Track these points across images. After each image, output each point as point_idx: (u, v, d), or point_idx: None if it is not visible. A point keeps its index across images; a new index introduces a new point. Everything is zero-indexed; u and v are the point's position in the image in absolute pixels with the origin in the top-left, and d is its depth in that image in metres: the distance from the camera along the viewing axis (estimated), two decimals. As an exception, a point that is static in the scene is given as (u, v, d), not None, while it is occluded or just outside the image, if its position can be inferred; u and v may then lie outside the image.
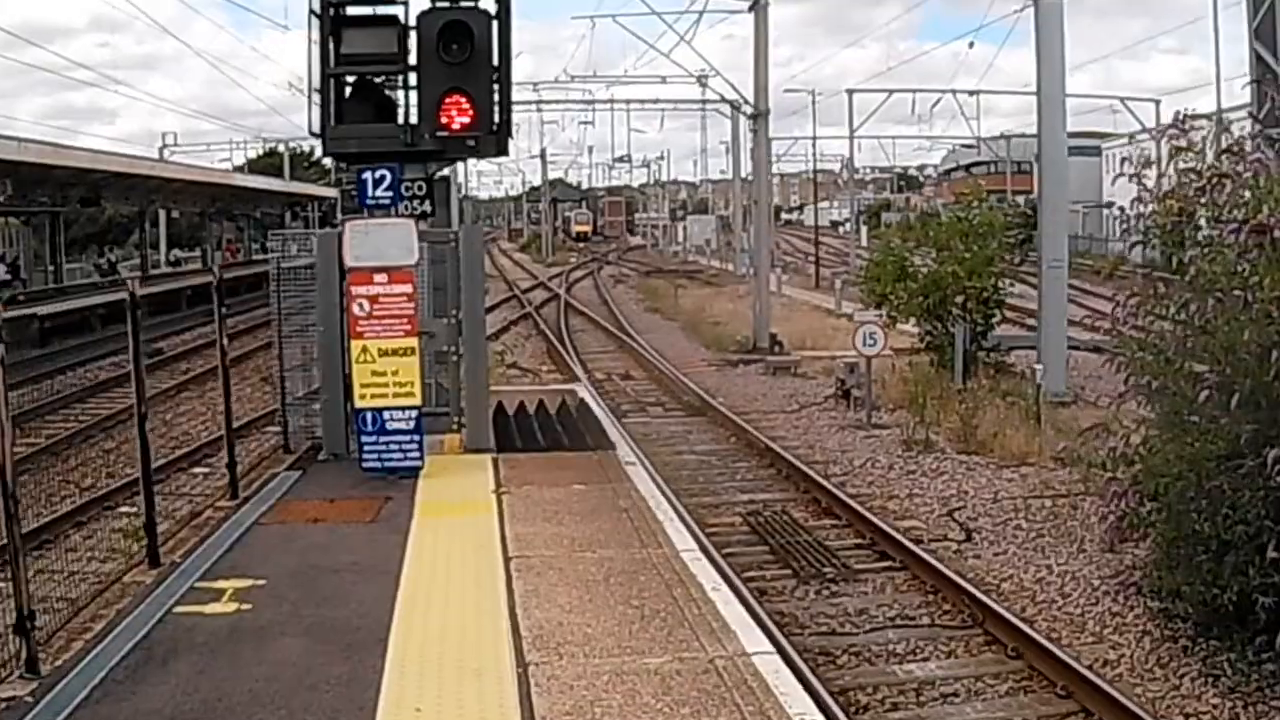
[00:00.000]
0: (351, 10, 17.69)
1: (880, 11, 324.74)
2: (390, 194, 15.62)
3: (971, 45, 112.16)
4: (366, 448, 15.08)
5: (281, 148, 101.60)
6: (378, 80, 18.34)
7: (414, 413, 15.08)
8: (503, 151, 18.20)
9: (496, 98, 17.58)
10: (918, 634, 14.32)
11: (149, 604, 10.45)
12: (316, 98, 17.53)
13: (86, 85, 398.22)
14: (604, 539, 12.16)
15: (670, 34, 73.46)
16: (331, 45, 17.43)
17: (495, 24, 17.35)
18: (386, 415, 14.97)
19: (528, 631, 9.60)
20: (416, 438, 15.12)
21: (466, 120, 17.25)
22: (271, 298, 17.37)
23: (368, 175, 15.45)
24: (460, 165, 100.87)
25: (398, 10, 17.58)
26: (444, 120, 17.25)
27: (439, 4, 17.45)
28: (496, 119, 17.57)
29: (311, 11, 17.18)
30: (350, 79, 18.03)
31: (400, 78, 17.91)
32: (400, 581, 10.84)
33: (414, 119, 17.69)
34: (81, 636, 10.00)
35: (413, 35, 17.45)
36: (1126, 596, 14.89)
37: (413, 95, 17.70)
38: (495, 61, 17.46)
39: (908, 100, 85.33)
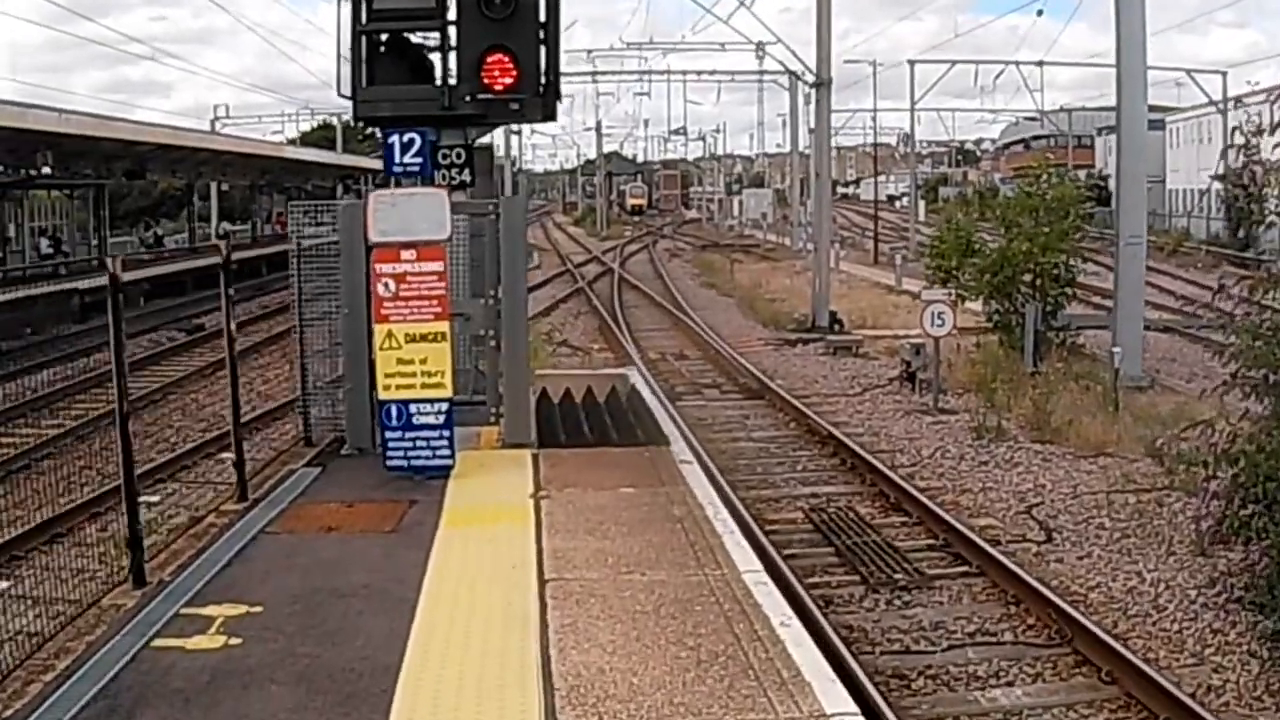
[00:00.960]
0: (385, -40, 16.17)
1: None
2: (420, 160, 14.10)
3: (1040, 14, 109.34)
4: (391, 445, 13.49)
5: (334, 120, 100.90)
6: (413, 38, 16.83)
7: (444, 406, 13.46)
8: (549, 116, 16.68)
9: (543, 57, 16.09)
10: (1000, 653, 13.14)
11: (124, 636, 8.93)
12: (346, 57, 16.08)
13: (142, 59, 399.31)
14: (654, 557, 10.55)
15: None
16: (364, -1, 15.91)
17: (542, -24, 15.81)
18: (413, 409, 13.37)
19: (562, 681, 8.03)
20: (446, 434, 13.50)
21: (510, 81, 15.75)
22: (291, 276, 15.75)
23: (394, 139, 13.95)
24: (514, 137, 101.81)
25: (436, -40, 16.05)
26: (485, 81, 15.74)
27: (480, -47, 15.88)
28: (543, 80, 16.08)
29: (341, -39, 15.73)
30: (383, 36, 16.54)
31: (438, 35, 16.32)
32: (416, 612, 9.23)
33: (452, 80, 16.16)
34: (41, 677, 8.48)
35: (451, -13, 15.91)
36: (1227, 611, 13.81)
37: (451, 54, 16.13)
38: (542, 17, 15.99)
39: (966, 73, 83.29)
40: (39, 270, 50.44)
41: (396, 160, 14.00)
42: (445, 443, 13.50)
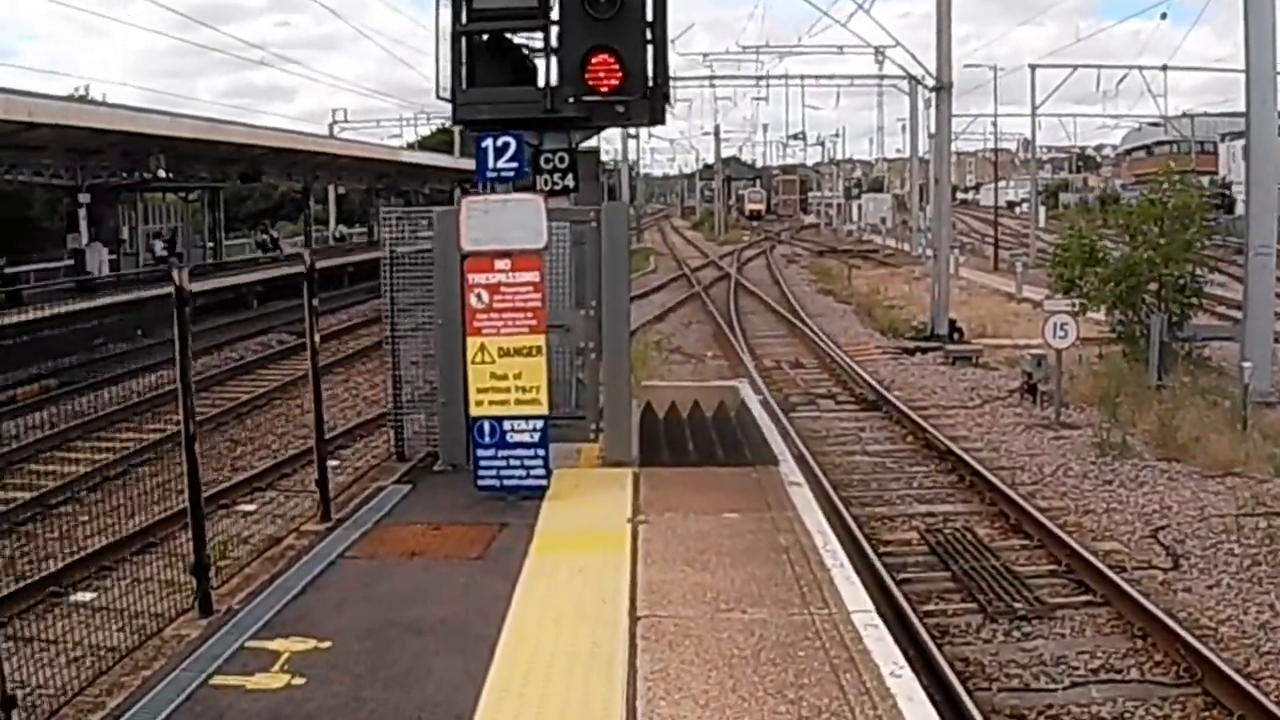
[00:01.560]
0: (485, -42, 15.57)
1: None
2: (515, 165, 13.35)
3: (1164, 16, 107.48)
4: (483, 463, 12.78)
5: (452, 125, 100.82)
6: (515, 39, 16.34)
7: (539, 423, 12.75)
8: (657, 119, 16.06)
9: (650, 57, 15.52)
10: (1126, 692, 12.39)
11: (183, 670, 8.30)
12: (446, 57, 15.50)
13: (266, 65, 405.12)
14: (757, 593, 9.74)
15: (845, 3, 70.94)
16: (464, -2, 15.32)
17: (649, -27, 15.16)
18: (507, 426, 12.68)
19: (648, 736, 7.31)
20: (542, 453, 12.79)
21: (615, 83, 15.24)
22: (383, 286, 15.10)
23: (488, 143, 13.16)
24: (631, 141, 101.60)
25: (539, -41, 15.44)
26: (589, 83, 15.22)
27: (585, -50, 15.25)
28: (650, 82, 15.45)
29: (440, -42, 15.17)
30: (484, 36, 16.02)
31: (540, 35, 15.82)
32: (496, 651, 8.47)
33: (555, 82, 15.63)
34: (89, 717, 7.88)
35: (554, -14, 15.26)
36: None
37: (554, 55, 15.61)
38: (649, 16, 15.43)
39: (1086, 79, 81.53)
40: (152, 272, 50.60)
41: (490, 165, 13.24)
42: (540, 462, 12.80)
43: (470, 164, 15.18)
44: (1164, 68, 71.35)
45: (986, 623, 14.30)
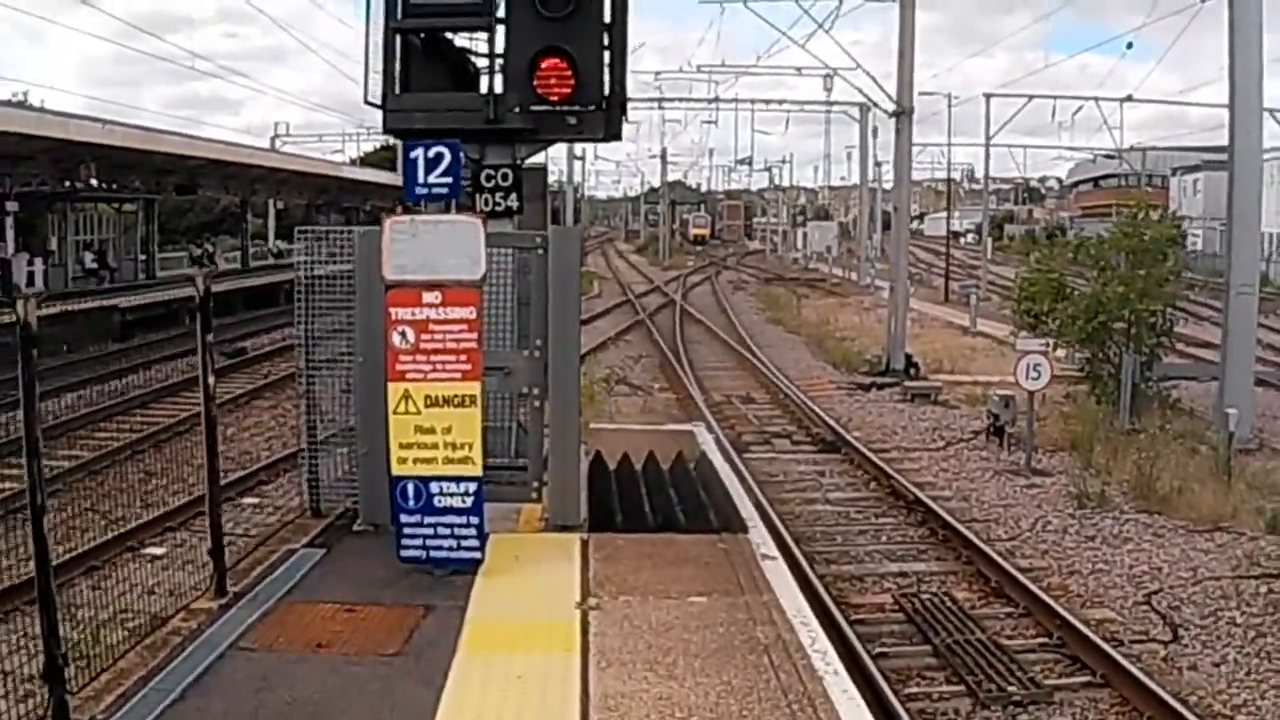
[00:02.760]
0: (423, -55, 13.83)
1: (1009, 21, 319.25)
2: (450, 180, 11.43)
3: (1130, 47, 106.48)
4: (406, 531, 10.86)
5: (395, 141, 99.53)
6: (456, 38, 14.68)
7: (472, 486, 10.84)
8: (613, 134, 14.38)
9: (607, 64, 13.86)
10: None
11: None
12: (377, 57, 13.72)
13: (212, 76, 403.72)
14: (736, 711, 7.91)
15: (802, 25, 69.73)
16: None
17: (606, -32, 13.52)
18: (434, 488, 10.76)
19: None
20: (475, 520, 10.87)
21: (567, 91, 13.63)
22: (296, 315, 13.10)
23: (418, 153, 11.25)
24: (578, 162, 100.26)
25: (482, -52, 13.74)
26: (538, 90, 13.58)
27: (535, -60, 13.54)
28: (607, 91, 13.73)
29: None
30: (421, 35, 14.30)
31: (485, 35, 14.20)
32: (411, 803, 6.67)
33: (499, 89, 14.01)
34: None
35: (500, -20, 13.57)
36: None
37: (499, 58, 14.01)
38: (606, 17, 13.81)
39: (1035, 110, 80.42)
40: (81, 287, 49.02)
41: (420, 179, 11.32)
42: (473, 531, 10.87)
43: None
44: (1128, 98, 70.27)
45: (978, 709, 12.70)
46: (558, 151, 77.98)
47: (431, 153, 11.28)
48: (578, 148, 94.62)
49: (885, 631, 14.89)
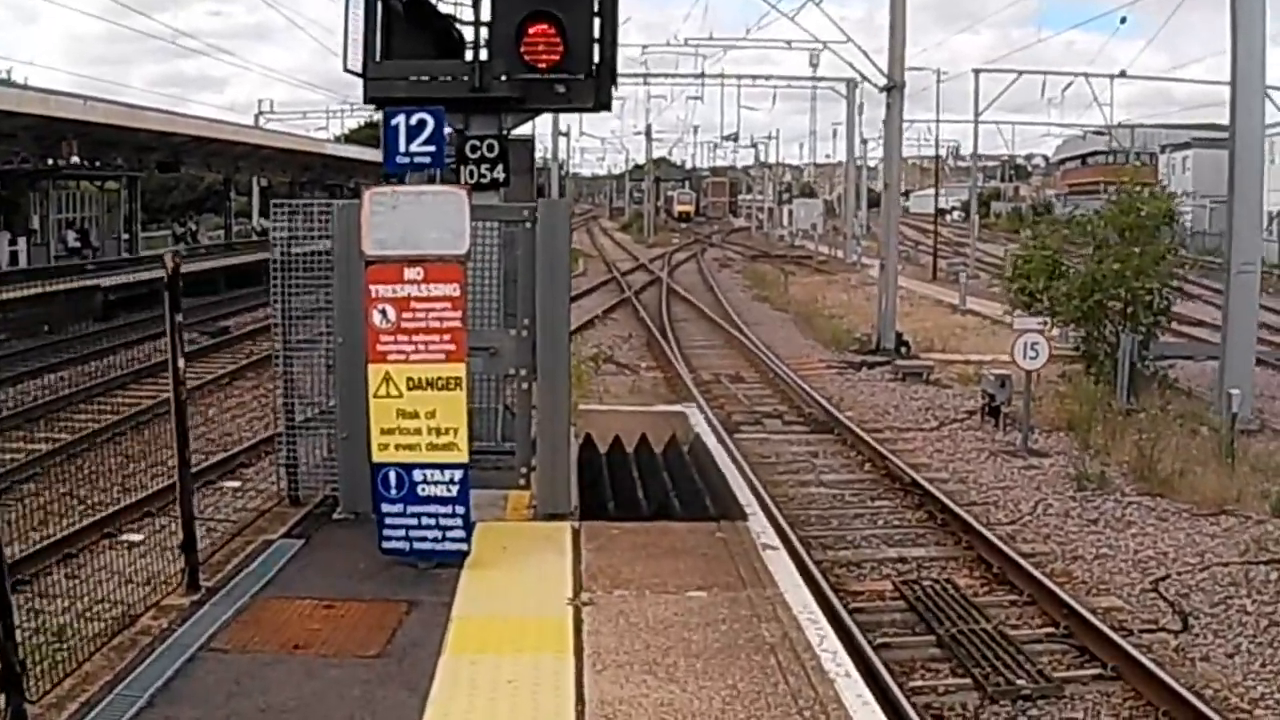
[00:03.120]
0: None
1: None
2: (433, 149, 10.76)
3: (1123, 21, 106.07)
4: (388, 521, 10.26)
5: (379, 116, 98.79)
6: (439, 3, 14.21)
7: (458, 473, 10.22)
8: (603, 104, 13.87)
9: (597, 30, 13.36)
10: None
11: None
12: (357, 23, 13.12)
13: (198, 54, 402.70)
14: (743, 718, 7.40)
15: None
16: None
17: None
18: (418, 476, 10.15)
19: None
20: (460, 509, 10.26)
21: (555, 58, 13.09)
22: (273, 293, 12.45)
23: (399, 120, 10.52)
24: (563, 139, 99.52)
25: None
26: (525, 57, 13.04)
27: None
28: (596, 58, 13.14)
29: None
30: (402, 0, 13.71)
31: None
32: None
33: (485, 56, 13.47)
34: None
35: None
36: None
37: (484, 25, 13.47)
38: (597, -20, 13.18)
39: (1022, 87, 79.72)
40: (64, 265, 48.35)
41: (402, 148, 10.63)
42: (459, 521, 10.26)
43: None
44: (1121, 74, 69.75)
45: (986, 704, 12.17)
46: (543, 129, 77.36)
47: (413, 120, 10.56)
48: (562, 124, 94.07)
49: (887, 621, 14.42)
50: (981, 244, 75.61)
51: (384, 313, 10.07)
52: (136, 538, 16.77)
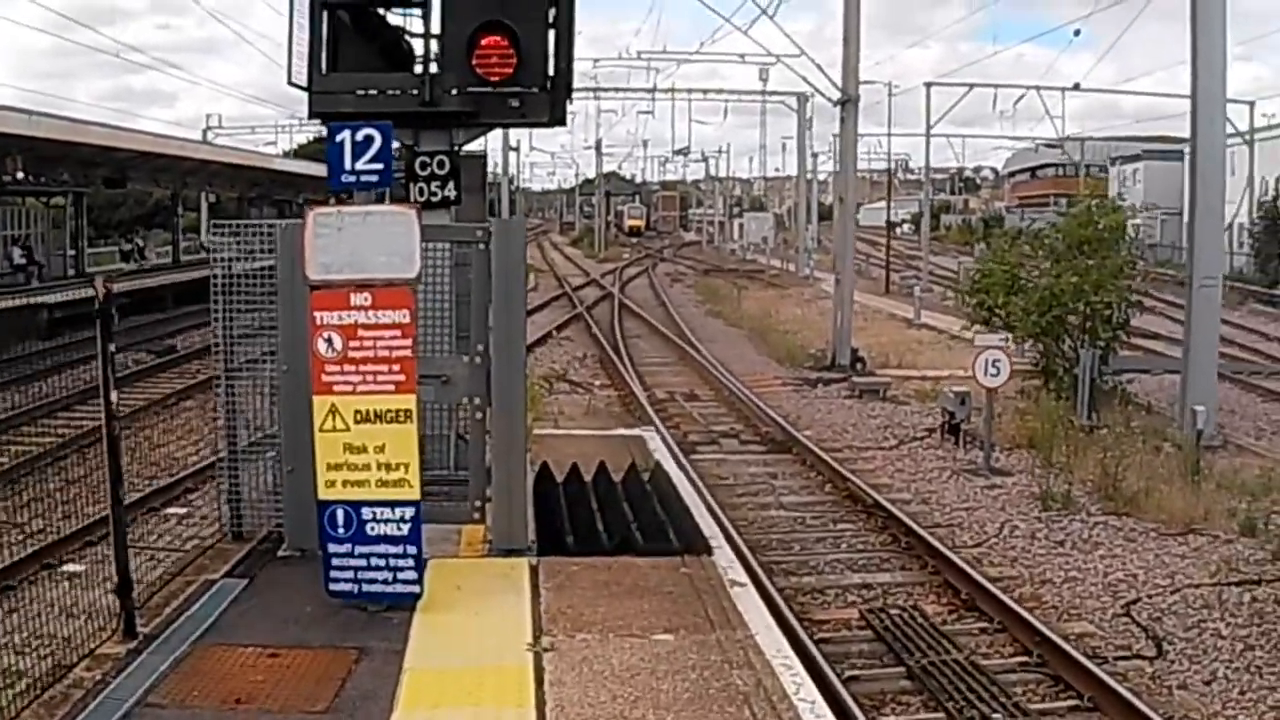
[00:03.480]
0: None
1: (943, 12, 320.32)
2: (380, 167, 10.13)
3: (1077, 34, 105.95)
4: (335, 562, 9.65)
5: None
6: (388, 14, 13.68)
7: (410, 510, 9.60)
8: (558, 118, 13.42)
9: (552, 41, 12.86)
10: None
11: None
12: (302, 35, 12.57)
13: (147, 68, 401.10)
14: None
15: (743, 13, 68.80)
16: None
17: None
18: (366, 514, 9.54)
19: None
20: (413, 549, 9.65)
21: (508, 71, 12.58)
22: (214, 316, 11.82)
23: (344, 135, 9.85)
24: (512, 153, 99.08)
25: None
26: (477, 70, 12.54)
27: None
28: (551, 71, 12.63)
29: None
30: (349, 10, 13.25)
31: (419, 11, 13.26)
32: None
33: (435, 68, 13.00)
34: None
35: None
36: None
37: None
38: (551, -10, 12.71)
39: (972, 100, 79.69)
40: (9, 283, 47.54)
41: (346, 166, 9.98)
42: (410, 562, 9.65)
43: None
44: (1075, 86, 69.78)
45: (965, 742, 11.62)
46: (493, 144, 76.86)
47: (359, 135, 9.87)
48: (512, 138, 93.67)
49: (855, 651, 13.88)
50: (933, 256, 75.49)
51: (329, 341, 9.47)
52: (77, 568, 16.16)
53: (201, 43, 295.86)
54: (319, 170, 72.69)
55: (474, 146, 13.83)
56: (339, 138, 9.79)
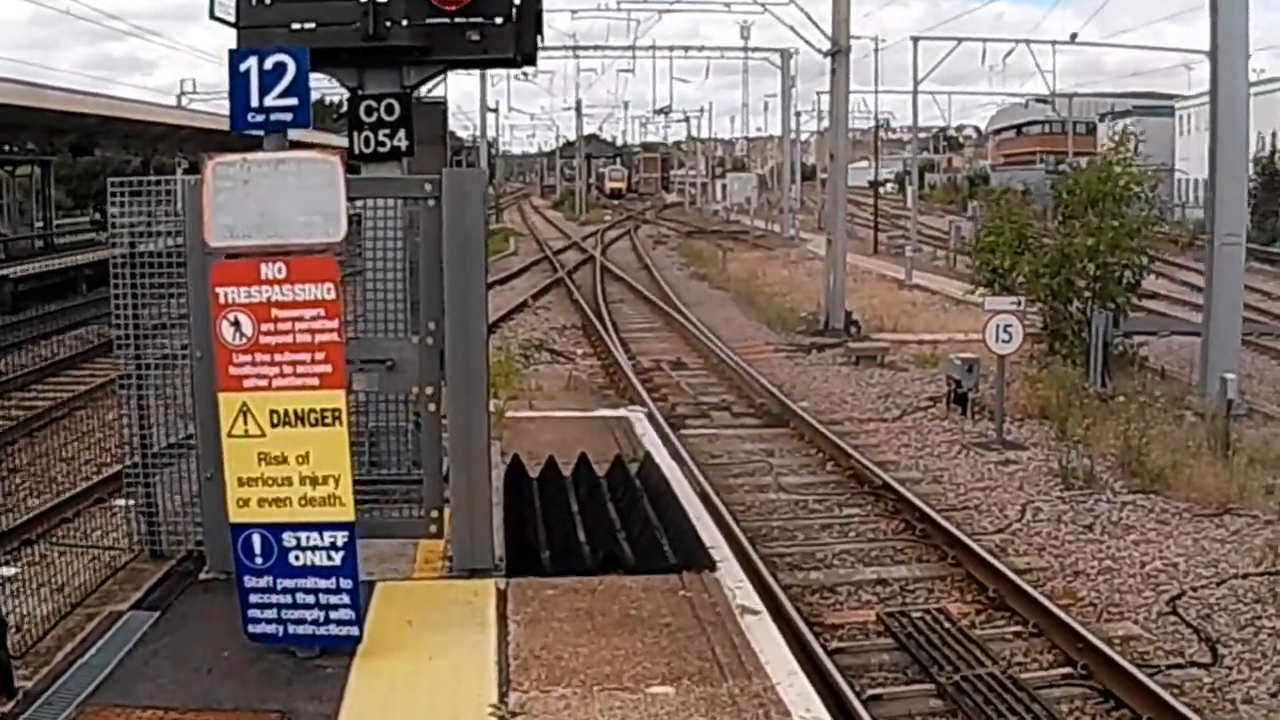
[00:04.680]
0: None
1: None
2: (294, 102, 8.04)
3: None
4: (253, 599, 7.73)
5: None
6: None
7: (342, 535, 7.62)
8: (527, 56, 11.68)
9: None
10: None
11: None
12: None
13: (127, 35, 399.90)
14: None
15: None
16: None
17: None
18: (289, 539, 7.58)
19: None
20: (347, 582, 7.69)
21: None
22: (115, 299, 9.86)
23: (249, 64, 7.66)
24: (490, 115, 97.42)
25: None
26: (431, -2, 10.57)
27: None
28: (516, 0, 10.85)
29: None
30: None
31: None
32: None
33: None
34: None
35: None
36: None
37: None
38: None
39: (958, 57, 77.97)
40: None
41: (253, 102, 7.88)
42: (345, 599, 7.68)
43: (319, 137, 10.39)
44: (1073, 38, 68.31)
45: (1009, 776, 10.00)
46: (470, 105, 75.51)
47: (269, 63, 7.55)
48: (490, 99, 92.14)
49: (875, 664, 12.32)
50: (920, 216, 74.30)
51: (236, 324, 7.44)
52: (10, 571, 14.26)
53: (179, 8, 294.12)
54: (296, 134, 71.46)
55: (436, 99, 12.11)
56: (243, 67, 7.60)
